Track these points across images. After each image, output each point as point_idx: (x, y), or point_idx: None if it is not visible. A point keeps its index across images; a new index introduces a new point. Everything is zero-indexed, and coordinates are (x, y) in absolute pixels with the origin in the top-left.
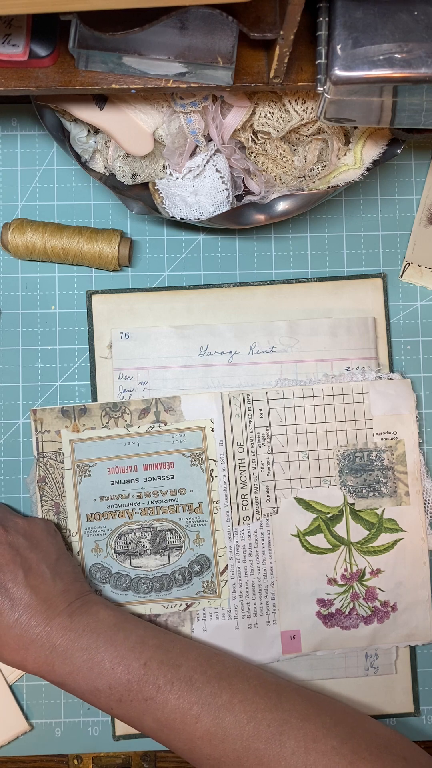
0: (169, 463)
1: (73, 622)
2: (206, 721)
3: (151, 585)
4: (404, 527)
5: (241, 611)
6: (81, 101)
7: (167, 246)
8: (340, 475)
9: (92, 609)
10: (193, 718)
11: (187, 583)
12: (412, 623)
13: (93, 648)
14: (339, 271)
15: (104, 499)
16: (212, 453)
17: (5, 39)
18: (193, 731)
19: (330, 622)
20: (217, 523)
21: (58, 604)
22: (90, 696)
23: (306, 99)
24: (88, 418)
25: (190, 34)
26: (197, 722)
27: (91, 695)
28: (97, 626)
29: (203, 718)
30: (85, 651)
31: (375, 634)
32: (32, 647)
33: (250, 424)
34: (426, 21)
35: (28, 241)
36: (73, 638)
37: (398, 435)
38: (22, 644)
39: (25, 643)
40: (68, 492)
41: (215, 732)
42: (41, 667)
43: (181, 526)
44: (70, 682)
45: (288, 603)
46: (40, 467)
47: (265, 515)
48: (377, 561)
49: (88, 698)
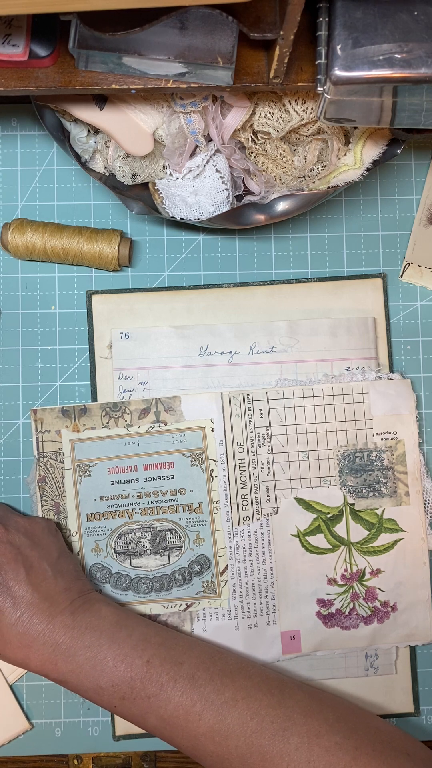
0: (170, 463)
1: (75, 620)
2: (209, 718)
3: (151, 585)
4: (404, 527)
5: (241, 611)
6: (81, 101)
7: (167, 246)
8: (340, 475)
9: (94, 607)
10: (196, 715)
11: (187, 583)
12: (412, 623)
13: (96, 646)
14: (339, 271)
15: (104, 499)
16: (212, 453)
17: (5, 39)
18: (197, 728)
19: (330, 623)
20: (217, 523)
21: (60, 602)
22: (93, 694)
23: (306, 99)
24: (89, 418)
25: (190, 34)
26: (200, 719)
27: (94, 693)
28: (100, 624)
29: (206, 714)
30: (87, 649)
31: (375, 635)
32: (35, 645)
33: (250, 424)
34: (426, 21)
35: (28, 241)
36: (76, 636)
37: (398, 435)
38: (25, 642)
39: (28, 642)
40: (68, 492)
41: (218, 729)
42: (44, 665)
43: (181, 526)
44: (73, 680)
45: (288, 603)
46: (40, 467)
47: (265, 515)
48: (377, 561)
49: (90, 696)
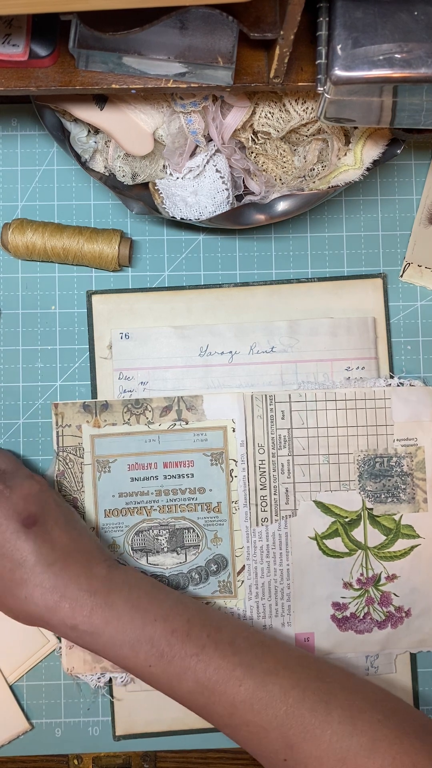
0: (189, 461)
1: (111, 573)
2: (250, 684)
3: (167, 583)
4: (421, 533)
5: (256, 612)
6: (81, 101)
7: (167, 246)
8: (359, 480)
9: (128, 570)
10: (237, 680)
11: (204, 583)
12: (426, 629)
13: (134, 598)
14: (339, 271)
15: (123, 495)
16: (233, 453)
17: (5, 39)
18: (236, 695)
19: (344, 626)
20: (236, 523)
21: (96, 556)
22: (128, 650)
23: (306, 99)
24: (110, 413)
25: (190, 34)
26: (241, 685)
27: (129, 649)
28: (137, 582)
29: (247, 681)
30: (126, 601)
31: (388, 639)
32: (68, 590)
33: (271, 425)
34: (426, 21)
35: (28, 241)
36: (114, 588)
37: (418, 442)
38: (60, 584)
39: (63, 583)
40: (87, 487)
41: (260, 696)
42: (75, 613)
43: (199, 525)
44: (109, 632)
45: (303, 605)
46: (59, 461)
47: (283, 517)
48: (393, 566)
49: (124, 653)
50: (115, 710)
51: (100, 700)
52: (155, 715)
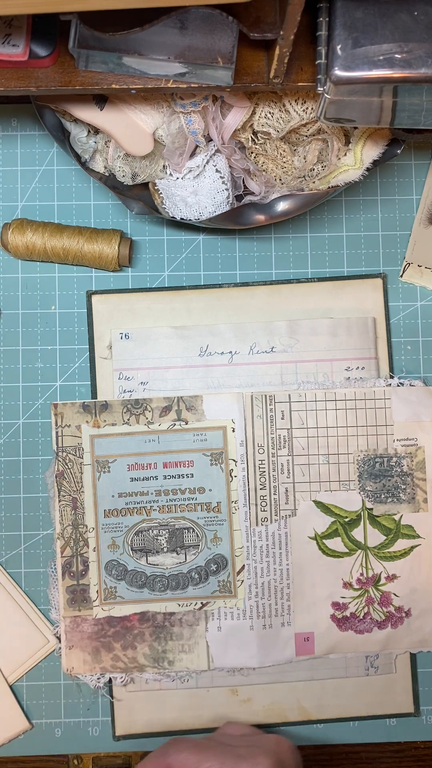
0: (189, 461)
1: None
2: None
3: (166, 583)
4: (421, 534)
5: (256, 612)
6: (81, 101)
7: (167, 246)
8: (359, 480)
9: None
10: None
11: (203, 582)
12: (426, 629)
13: None
14: (339, 271)
15: (123, 495)
16: (232, 453)
17: (5, 39)
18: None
19: (344, 626)
20: (235, 523)
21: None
22: None
23: (306, 99)
24: (109, 414)
25: (190, 34)
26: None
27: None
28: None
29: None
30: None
31: (388, 639)
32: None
33: (271, 425)
34: (426, 21)
35: (28, 241)
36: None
37: (418, 442)
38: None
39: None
40: (87, 487)
41: None
42: None
43: (199, 524)
44: None
45: (303, 605)
46: (59, 462)
47: (283, 517)
48: (393, 566)
49: None
50: (115, 710)
51: (100, 700)
52: (155, 715)
